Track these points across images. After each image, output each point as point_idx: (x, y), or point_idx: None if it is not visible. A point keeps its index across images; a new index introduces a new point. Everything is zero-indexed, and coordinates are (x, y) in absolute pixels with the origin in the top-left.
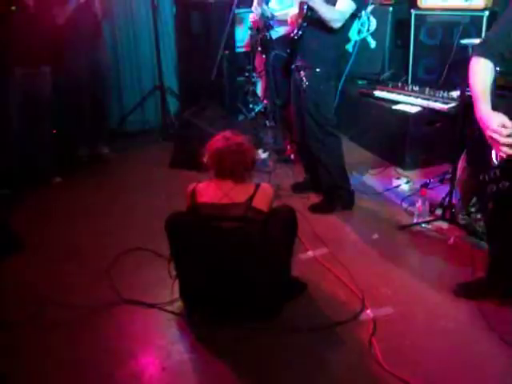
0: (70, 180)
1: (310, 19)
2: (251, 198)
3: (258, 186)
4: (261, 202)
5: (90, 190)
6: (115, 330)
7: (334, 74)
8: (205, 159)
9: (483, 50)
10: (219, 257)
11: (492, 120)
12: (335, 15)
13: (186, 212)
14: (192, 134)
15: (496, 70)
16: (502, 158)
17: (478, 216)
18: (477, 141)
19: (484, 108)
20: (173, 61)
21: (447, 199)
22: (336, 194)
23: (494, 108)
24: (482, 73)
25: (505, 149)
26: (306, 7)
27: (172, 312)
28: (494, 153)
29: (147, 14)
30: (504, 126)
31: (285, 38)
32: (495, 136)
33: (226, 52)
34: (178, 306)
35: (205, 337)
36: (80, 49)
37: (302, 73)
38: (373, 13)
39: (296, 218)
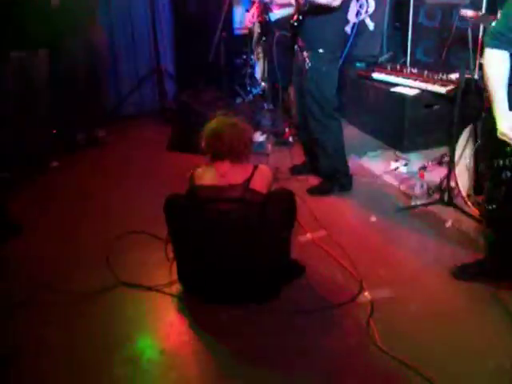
0: (68, 164)
1: (310, 5)
2: (249, 179)
3: (256, 167)
4: (259, 184)
5: (88, 174)
6: (113, 312)
7: (336, 56)
8: (202, 143)
9: (496, 42)
10: (217, 239)
11: (503, 123)
12: None
13: (184, 194)
14: (189, 117)
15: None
16: None
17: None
18: (492, 127)
19: (499, 107)
20: (170, 43)
21: (445, 182)
22: (334, 177)
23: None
24: (496, 66)
25: None
26: None
27: (170, 294)
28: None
29: None
30: None
31: (287, 19)
32: (505, 138)
33: (224, 34)
34: (176, 288)
35: (203, 319)
36: (76, 32)
37: (306, 53)
38: None
39: (295, 201)
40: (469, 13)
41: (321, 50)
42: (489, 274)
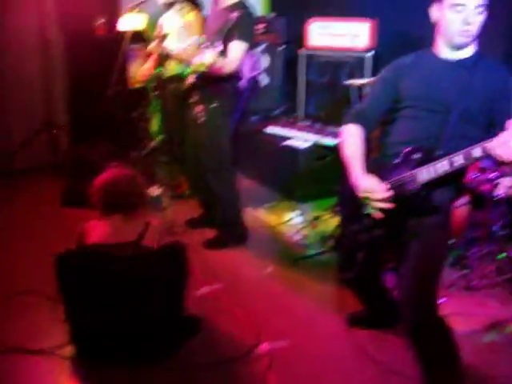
0: None
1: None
2: (141, 236)
3: (147, 223)
4: (151, 240)
5: None
6: (2, 379)
7: (229, 110)
8: (92, 194)
9: (356, 118)
10: (110, 298)
11: (363, 183)
12: (230, 66)
13: (75, 252)
14: (84, 171)
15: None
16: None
17: None
18: (349, 190)
19: (356, 171)
20: (64, 96)
21: (338, 230)
22: (230, 229)
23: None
24: (353, 139)
25: (375, 212)
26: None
27: (62, 356)
28: None
29: (37, 48)
30: (374, 190)
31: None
32: (366, 197)
33: (119, 88)
34: (68, 349)
35: (99, 380)
36: None
37: (199, 108)
38: (265, 51)
39: (186, 253)
40: (355, 82)
41: (214, 105)
42: (375, 322)
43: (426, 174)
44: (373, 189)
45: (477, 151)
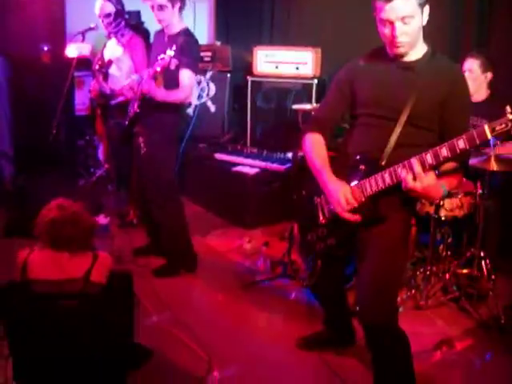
0: None
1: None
2: (89, 271)
3: (95, 257)
4: (99, 275)
5: None
6: None
7: (173, 139)
8: (37, 229)
9: (315, 127)
10: (57, 335)
11: (339, 191)
12: (182, 95)
13: (19, 286)
14: (28, 201)
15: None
16: (328, 217)
17: None
18: (303, 202)
19: (330, 179)
20: (8, 123)
21: (287, 255)
22: (179, 257)
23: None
24: (317, 147)
25: (347, 215)
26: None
27: None
28: (320, 212)
29: None
30: (347, 200)
31: (124, 104)
32: (338, 209)
33: (64, 115)
34: None
35: None
36: None
37: (141, 139)
38: (212, 79)
39: (133, 282)
40: (301, 107)
41: (156, 135)
42: (328, 342)
43: (369, 186)
44: (346, 197)
45: (415, 162)
